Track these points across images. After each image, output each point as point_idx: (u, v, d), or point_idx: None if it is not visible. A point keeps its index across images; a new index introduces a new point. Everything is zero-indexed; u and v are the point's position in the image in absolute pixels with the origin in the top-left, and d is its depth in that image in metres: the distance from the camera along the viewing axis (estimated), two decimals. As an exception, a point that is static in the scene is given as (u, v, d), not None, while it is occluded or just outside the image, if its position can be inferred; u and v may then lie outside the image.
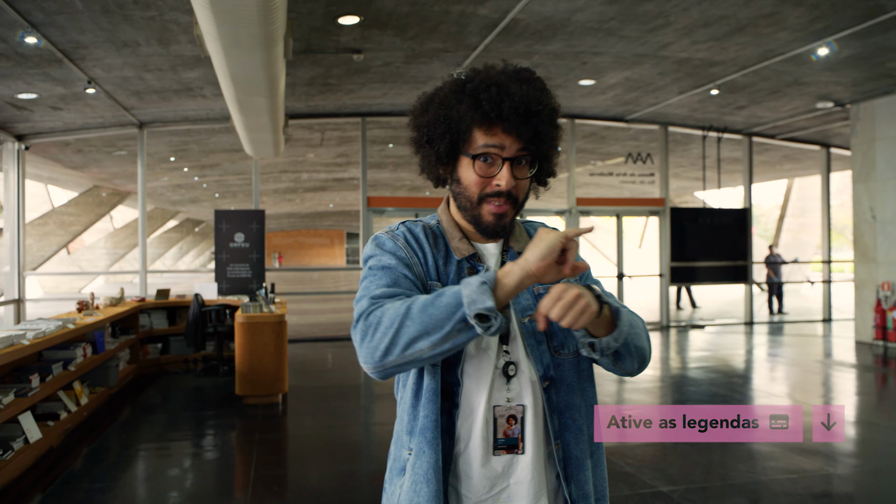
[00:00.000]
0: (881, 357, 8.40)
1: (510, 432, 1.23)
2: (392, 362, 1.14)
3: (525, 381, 1.25)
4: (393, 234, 1.32)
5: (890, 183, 9.02)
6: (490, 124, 1.23)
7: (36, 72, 6.69)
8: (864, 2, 5.90)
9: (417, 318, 1.11)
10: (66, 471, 4.29)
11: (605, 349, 1.19)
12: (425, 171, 1.35)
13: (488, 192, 1.25)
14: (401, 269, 1.25)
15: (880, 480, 4.08)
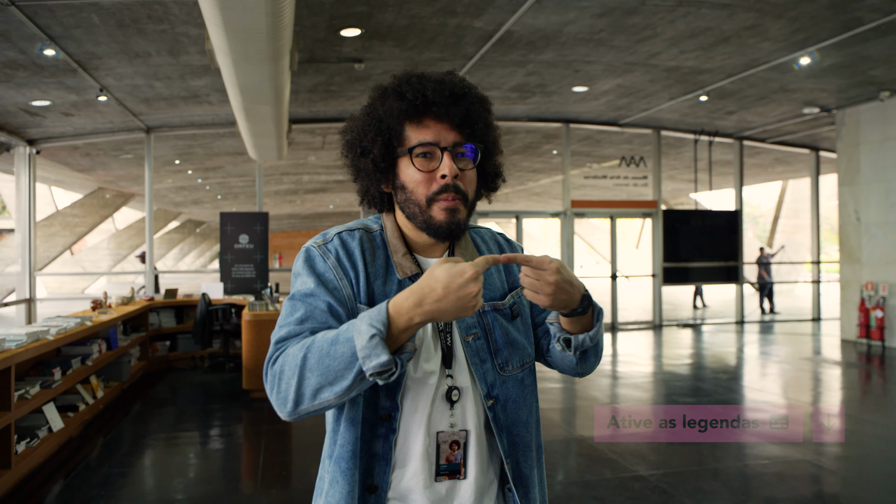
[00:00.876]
0: (865, 354, 8.70)
1: (452, 458, 1.19)
2: (305, 410, 1.09)
3: (469, 404, 1.21)
4: (324, 249, 1.24)
5: (874, 186, 9.32)
6: (419, 115, 1.19)
7: (51, 81, 6.99)
8: (841, 14, 6.19)
9: (316, 369, 1.05)
10: (86, 458, 4.58)
11: (580, 347, 1.19)
12: (367, 196, 1.29)
13: (435, 190, 1.19)
14: (322, 298, 1.17)
15: (848, 465, 4.37)
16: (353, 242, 1.25)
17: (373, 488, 1.18)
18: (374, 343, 1.01)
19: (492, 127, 1.26)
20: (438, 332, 1.22)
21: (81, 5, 5.13)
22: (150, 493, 4.06)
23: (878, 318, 9.03)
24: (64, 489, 4.05)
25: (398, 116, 1.19)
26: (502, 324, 1.26)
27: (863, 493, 3.89)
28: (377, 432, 1.18)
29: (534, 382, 1.31)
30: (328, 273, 1.21)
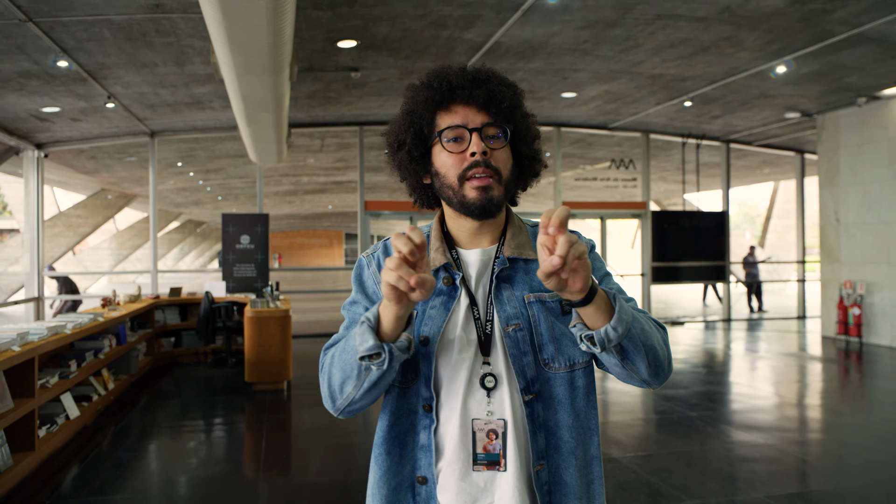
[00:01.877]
0: (843, 350, 9.05)
1: (490, 447, 1.16)
2: (342, 406, 1.18)
3: (507, 394, 1.18)
4: (370, 258, 1.31)
5: (852, 188, 9.67)
6: (446, 102, 1.22)
7: (62, 89, 7.32)
8: (812, 27, 6.53)
9: (338, 364, 1.15)
10: (99, 445, 4.92)
11: (606, 340, 1.07)
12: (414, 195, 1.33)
13: (466, 167, 1.19)
14: (362, 304, 1.27)
15: (806, 449, 4.71)
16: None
17: (422, 480, 1.19)
18: (363, 329, 1.06)
19: (521, 109, 1.25)
20: (475, 319, 1.21)
21: (94, 21, 5.48)
22: (160, 476, 4.40)
23: (856, 315, 9.38)
24: (81, 472, 4.38)
25: (427, 105, 1.22)
26: (549, 318, 1.21)
27: (829, 476, 4.23)
28: (421, 423, 1.20)
29: (588, 387, 1.24)
30: (369, 280, 1.28)
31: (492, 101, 1.20)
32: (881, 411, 6.10)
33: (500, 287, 1.22)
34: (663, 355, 1.18)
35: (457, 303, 1.21)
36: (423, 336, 1.19)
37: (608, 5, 5.91)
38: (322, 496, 3.97)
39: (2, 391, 3.82)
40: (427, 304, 1.21)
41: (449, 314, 1.20)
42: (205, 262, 42.33)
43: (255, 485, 4.16)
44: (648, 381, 1.18)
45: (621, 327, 1.07)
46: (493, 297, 1.21)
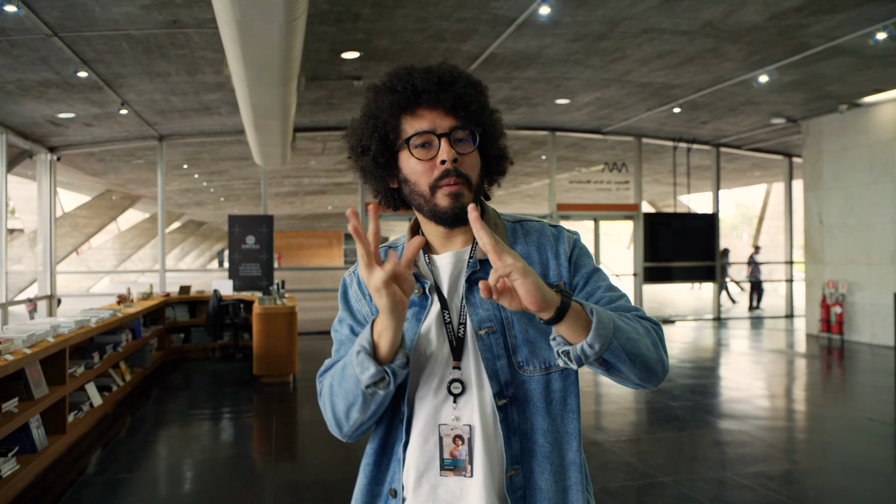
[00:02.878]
0: (825, 347, 9.43)
1: (456, 453, 1.15)
2: (350, 432, 1.20)
3: (475, 399, 1.15)
4: (351, 276, 1.31)
5: (834, 192, 10.06)
6: (411, 106, 1.17)
7: (78, 96, 7.69)
8: (790, 39, 6.91)
9: (339, 393, 1.14)
10: (119, 431, 5.29)
11: (582, 357, 1.03)
12: (379, 196, 1.28)
13: (436, 177, 1.15)
14: (347, 324, 1.26)
15: (775, 434, 5.09)
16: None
17: (393, 493, 1.21)
18: (361, 359, 1.05)
19: (487, 109, 1.22)
20: (445, 323, 1.18)
21: (115, 35, 5.85)
22: (180, 458, 4.77)
23: (838, 313, 9.76)
24: (105, 454, 4.75)
25: (392, 110, 1.17)
26: (522, 319, 1.18)
27: (792, 457, 4.61)
28: (398, 436, 1.20)
29: (564, 390, 1.19)
30: (353, 298, 1.28)
31: (459, 104, 1.17)
32: (850, 402, 6.48)
33: (472, 290, 1.19)
34: (654, 359, 1.13)
35: (427, 311, 1.19)
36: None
37: (596, 20, 6.28)
38: (329, 474, 4.34)
39: (38, 378, 4.18)
40: None
41: (420, 324, 1.19)
42: (205, 261, 42.71)
43: (268, 465, 4.53)
44: (641, 385, 1.14)
45: (598, 343, 1.02)
46: (466, 300, 1.18)
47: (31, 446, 4.07)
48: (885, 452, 4.71)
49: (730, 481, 4.00)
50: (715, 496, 3.77)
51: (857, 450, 4.67)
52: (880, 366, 7.89)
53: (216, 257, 45.84)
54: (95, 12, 5.29)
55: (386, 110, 1.18)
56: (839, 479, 4.17)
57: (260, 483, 4.19)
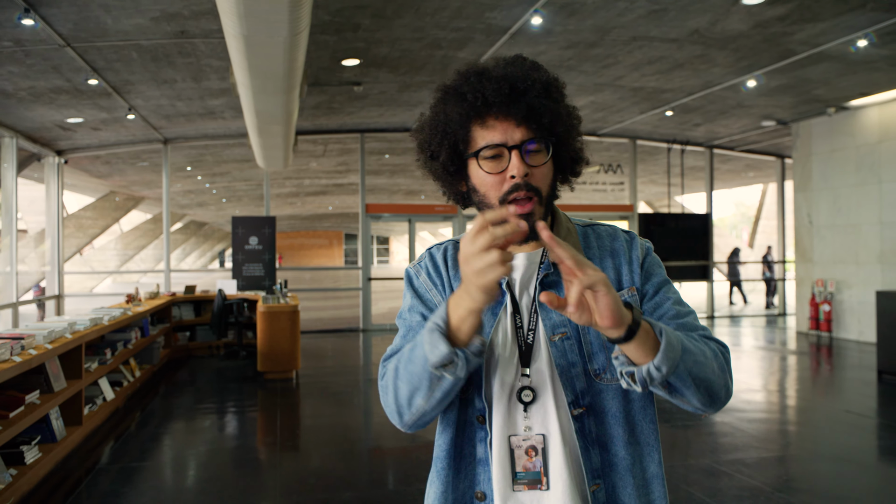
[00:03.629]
0: (814, 344, 9.67)
1: (530, 465, 1.10)
2: (411, 421, 1.12)
3: (548, 407, 1.11)
4: (417, 268, 1.28)
5: (823, 193, 10.30)
6: (482, 115, 1.13)
7: (88, 102, 7.94)
8: (775, 46, 7.15)
9: (404, 376, 1.08)
10: (130, 424, 5.54)
11: (648, 380, 0.99)
12: (449, 196, 1.26)
13: (506, 190, 1.11)
14: (418, 311, 1.22)
15: (755, 426, 5.34)
16: (438, 255, 1.27)
17: (480, 496, 1.14)
18: (434, 337, 1.00)
19: (561, 115, 1.15)
20: (516, 328, 1.15)
21: (124, 45, 6.10)
22: (190, 449, 5.02)
23: (826, 311, 10.01)
24: (119, 445, 5.00)
25: (461, 119, 1.14)
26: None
27: (769, 446, 4.86)
28: (477, 436, 1.15)
29: (644, 398, 1.16)
30: (421, 288, 1.25)
31: (532, 115, 1.11)
32: (831, 396, 6.73)
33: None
34: (719, 385, 1.08)
35: (503, 309, 1.16)
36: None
37: (587, 29, 6.53)
38: (333, 463, 4.59)
39: (57, 372, 4.44)
40: None
41: (497, 320, 1.15)
42: (206, 262, 42.98)
43: (274, 455, 4.78)
44: (702, 409, 1.09)
45: (666, 366, 0.97)
46: (538, 304, 1.15)
47: (52, 436, 4.33)
48: (856, 441, 4.96)
49: (709, 468, 4.25)
50: (693, 480, 4.02)
51: (830, 439, 4.92)
52: (865, 362, 8.14)
53: (217, 257, 46.15)
54: (107, 24, 5.54)
55: (455, 121, 1.15)
56: (810, 465, 4.43)
57: (267, 471, 4.44)
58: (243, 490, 4.04)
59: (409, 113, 10.07)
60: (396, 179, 17.23)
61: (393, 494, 4.05)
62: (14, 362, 3.55)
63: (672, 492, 3.88)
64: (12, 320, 8.65)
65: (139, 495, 3.96)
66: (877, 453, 4.78)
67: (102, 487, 4.03)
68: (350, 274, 33.90)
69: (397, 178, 17.00)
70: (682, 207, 16.31)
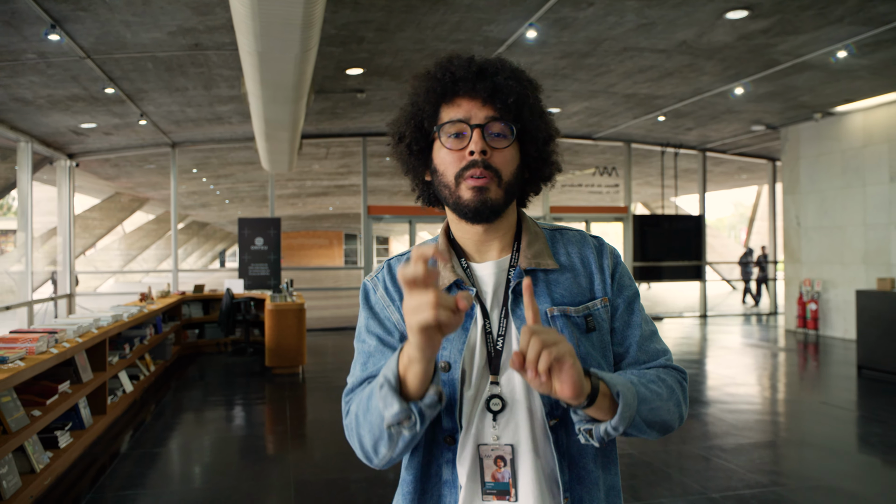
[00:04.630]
0: (802, 342, 10.02)
1: (498, 476, 1.08)
2: (381, 464, 1.09)
3: (520, 417, 1.08)
4: (374, 281, 1.23)
5: (811, 195, 10.65)
6: (449, 94, 1.12)
7: (102, 109, 8.28)
8: (760, 57, 7.49)
9: (365, 426, 1.05)
10: (148, 414, 5.88)
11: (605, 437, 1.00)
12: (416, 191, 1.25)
13: (462, 166, 1.10)
14: (374, 333, 1.17)
15: (736, 416, 5.68)
16: (397, 268, 1.21)
17: None
18: (384, 393, 0.97)
19: (531, 106, 1.14)
20: (486, 333, 1.11)
21: (141, 57, 6.44)
22: (203, 438, 5.36)
23: (813, 310, 10.36)
24: (140, 433, 5.34)
25: (428, 97, 1.14)
26: (574, 334, 1.11)
27: (747, 434, 5.20)
28: (444, 457, 1.11)
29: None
30: (378, 304, 1.20)
31: (497, 94, 1.10)
32: (811, 389, 7.07)
33: (518, 302, 1.12)
34: (673, 420, 1.11)
35: (474, 322, 1.12)
36: (443, 361, 1.09)
37: (580, 41, 6.87)
38: (343, 447, 4.93)
39: (84, 364, 4.77)
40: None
41: (468, 335, 1.11)
42: (206, 262, 43.34)
43: (284, 441, 5.12)
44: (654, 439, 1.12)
45: (623, 425, 0.99)
46: (511, 311, 1.11)
47: (80, 423, 4.67)
48: (828, 430, 5.31)
49: (687, 453, 4.60)
50: (672, 463, 4.36)
51: (804, 428, 5.27)
52: (847, 358, 8.47)
53: (217, 258, 46.50)
54: (126, 38, 5.88)
55: (423, 97, 1.15)
56: (783, 450, 4.78)
57: (278, 454, 4.79)
58: (258, 472, 4.38)
59: (410, 118, 10.39)
60: (396, 181, 17.56)
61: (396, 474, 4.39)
62: (51, 354, 3.89)
63: (653, 473, 4.23)
64: (27, 318, 8.98)
65: (161, 478, 4.30)
66: (847, 440, 5.13)
67: (127, 470, 4.37)
68: (351, 274, 34.26)
69: (397, 180, 17.28)
70: (676, 208, 16.67)
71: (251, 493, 3.98)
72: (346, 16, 5.87)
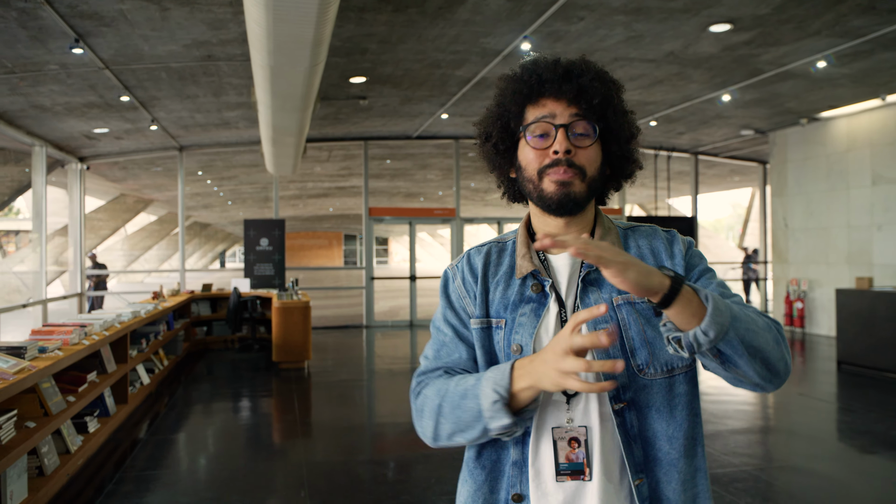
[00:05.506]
0: (788, 339, 10.35)
1: (573, 456, 1.10)
2: (443, 445, 1.15)
3: (590, 401, 1.11)
4: (455, 270, 1.29)
5: (798, 198, 11.02)
6: (535, 95, 1.16)
7: (115, 115, 8.64)
8: (745, 66, 7.85)
9: (450, 417, 1.11)
10: (163, 405, 6.23)
11: (695, 345, 0.98)
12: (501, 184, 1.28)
13: (546, 164, 1.14)
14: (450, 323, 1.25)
15: (714, 408, 6.04)
16: (478, 258, 1.27)
17: (517, 497, 1.14)
18: (497, 408, 1.03)
19: (615, 106, 1.18)
20: (561, 321, 1.16)
21: (156, 67, 6.80)
22: (218, 426, 5.72)
23: (799, 308, 10.73)
24: (157, 421, 5.69)
25: (515, 98, 1.18)
26: (639, 320, 1.14)
27: (724, 422, 5.56)
28: (514, 438, 1.15)
29: (690, 393, 1.16)
30: (455, 294, 1.26)
31: (582, 95, 1.14)
32: (790, 382, 7.43)
33: (588, 290, 1.17)
34: (776, 356, 1.07)
35: (546, 310, 1.16)
36: (515, 345, 1.15)
37: (572, 52, 7.03)
38: (347, 435, 5.29)
39: (108, 356, 5.13)
40: (517, 312, 1.18)
41: (539, 321, 1.16)
42: (207, 262, 43.70)
43: (295, 427, 5.48)
44: (761, 385, 1.08)
45: (713, 331, 0.97)
46: (580, 300, 1.16)
47: (106, 411, 5.02)
48: (804, 419, 5.68)
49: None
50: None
51: (780, 417, 5.63)
52: (830, 354, 8.84)
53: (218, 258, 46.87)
54: (144, 50, 6.24)
55: (510, 98, 1.19)
56: (758, 436, 5.14)
57: (289, 441, 5.14)
58: (272, 454, 4.74)
59: (410, 122, 10.77)
60: (396, 182, 17.94)
61: (399, 457, 4.75)
62: (83, 345, 4.24)
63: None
64: (42, 316, 9.33)
65: (179, 460, 4.67)
66: (821, 428, 5.49)
67: (148, 453, 4.72)
68: (351, 274, 34.61)
69: (397, 182, 17.71)
70: (669, 208, 17.02)
71: (266, 473, 4.34)
72: (351, 30, 6.22)
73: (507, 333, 1.17)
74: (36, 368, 3.39)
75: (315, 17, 4.07)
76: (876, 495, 4.00)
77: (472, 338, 1.22)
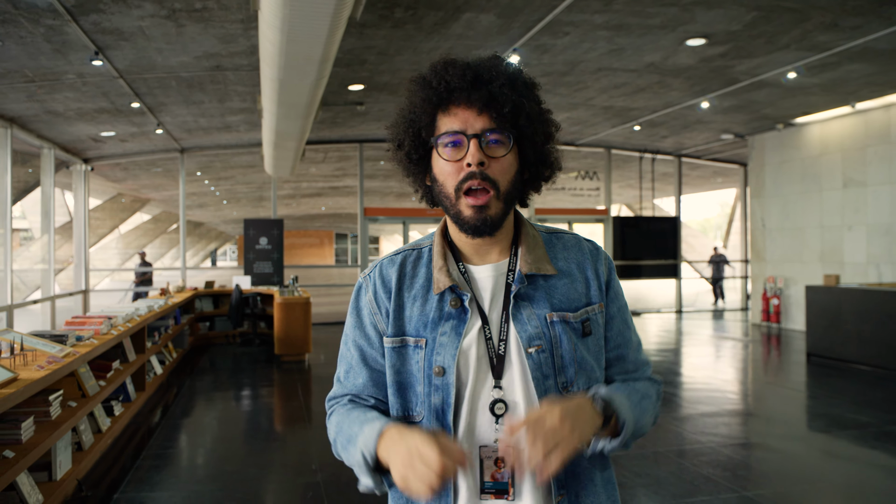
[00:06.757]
0: (765, 334, 10.90)
1: (498, 476, 1.09)
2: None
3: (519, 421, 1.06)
4: (366, 279, 1.24)
5: (775, 199, 11.54)
6: (444, 102, 1.12)
7: (123, 119, 9.03)
8: (721, 76, 8.34)
9: (343, 455, 1.16)
10: (175, 394, 6.65)
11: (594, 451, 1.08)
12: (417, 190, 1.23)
13: (461, 179, 1.10)
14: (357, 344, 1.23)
15: (690, 394, 6.52)
16: (391, 269, 1.23)
17: None
18: (362, 470, 1.08)
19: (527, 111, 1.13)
20: (486, 339, 1.13)
21: (167, 76, 7.20)
22: (227, 413, 6.14)
23: (776, 305, 11.25)
24: (171, 408, 6.11)
25: (426, 106, 1.14)
26: (571, 339, 1.14)
27: (695, 406, 6.04)
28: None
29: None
30: (366, 309, 1.23)
31: (493, 103, 1.10)
32: (762, 372, 7.94)
33: (519, 305, 1.14)
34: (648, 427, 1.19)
35: (468, 326, 1.14)
36: (437, 367, 1.12)
37: (558, 63, 7.70)
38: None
39: (129, 347, 5.54)
40: (437, 331, 1.14)
41: (461, 339, 1.13)
42: (198, 261, 43.94)
43: (300, 411, 5.92)
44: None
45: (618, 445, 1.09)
46: (512, 316, 1.14)
47: (128, 397, 5.44)
48: (770, 404, 6.17)
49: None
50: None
51: (749, 402, 6.11)
52: (802, 348, 9.36)
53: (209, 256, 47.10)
54: (157, 61, 6.65)
55: (419, 106, 1.15)
56: (726, 419, 5.62)
57: (297, 425, 5.58)
58: (280, 436, 5.18)
59: (405, 126, 11.18)
60: (389, 182, 18.37)
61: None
62: (112, 335, 4.66)
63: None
64: (50, 314, 9.70)
65: (195, 442, 5.09)
66: (784, 412, 5.99)
67: (166, 434, 5.15)
68: (343, 272, 34.98)
69: (390, 182, 18.15)
70: (654, 208, 17.52)
71: (279, 451, 4.77)
72: (352, 42, 6.66)
73: (427, 354, 1.14)
74: (79, 354, 3.81)
75: (325, 39, 4.50)
76: (827, 467, 4.49)
77: (381, 359, 1.21)
